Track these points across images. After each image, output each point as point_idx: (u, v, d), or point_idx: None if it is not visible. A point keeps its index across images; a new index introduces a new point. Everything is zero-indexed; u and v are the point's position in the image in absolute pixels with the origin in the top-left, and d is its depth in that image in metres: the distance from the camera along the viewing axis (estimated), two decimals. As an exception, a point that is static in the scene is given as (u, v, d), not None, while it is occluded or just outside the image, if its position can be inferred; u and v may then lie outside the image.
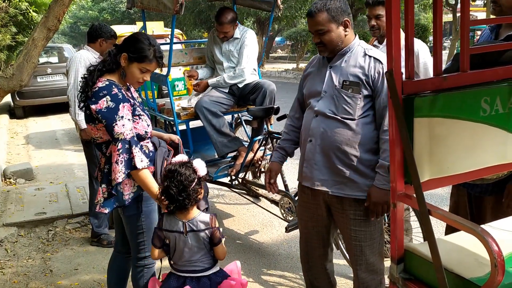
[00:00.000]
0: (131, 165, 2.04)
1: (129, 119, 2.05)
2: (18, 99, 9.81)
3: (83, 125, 3.29)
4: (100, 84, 2.05)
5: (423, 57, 2.76)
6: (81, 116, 3.19)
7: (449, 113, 1.39)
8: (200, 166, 2.04)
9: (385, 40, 2.93)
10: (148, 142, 2.21)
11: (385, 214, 2.71)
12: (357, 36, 2.08)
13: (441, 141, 1.40)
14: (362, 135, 1.97)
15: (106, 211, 2.12)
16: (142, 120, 2.15)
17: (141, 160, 2.04)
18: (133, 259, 2.31)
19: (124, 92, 2.10)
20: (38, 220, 3.92)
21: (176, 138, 2.46)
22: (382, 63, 1.96)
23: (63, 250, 3.52)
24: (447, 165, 1.43)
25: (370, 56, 1.99)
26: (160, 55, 2.13)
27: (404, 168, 1.37)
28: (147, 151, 2.17)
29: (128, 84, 2.22)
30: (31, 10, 7.82)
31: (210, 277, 2.05)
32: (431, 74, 1.47)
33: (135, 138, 2.07)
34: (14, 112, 10.50)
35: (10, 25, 12.24)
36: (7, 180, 5.29)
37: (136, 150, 2.04)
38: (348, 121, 1.97)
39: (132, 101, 2.13)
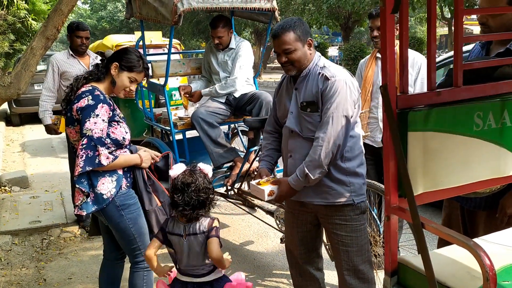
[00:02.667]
0: (94, 163, 2.08)
1: (103, 120, 2.12)
2: (14, 106, 9.80)
3: (47, 121, 3.82)
4: (83, 89, 2.19)
5: (423, 73, 2.80)
6: (46, 113, 3.80)
7: (443, 127, 1.41)
8: (208, 169, 1.98)
9: None
10: (125, 152, 2.27)
11: (379, 225, 2.74)
12: (316, 54, 2.19)
13: (435, 155, 1.42)
14: None
15: (84, 213, 2.15)
16: (120, 127, 2.22)
17: (106, 158, 2.10)
18: (131, 265, 2.33)
19: (106, 97, 2.21)
20: (33, 229, 3.90)
21: (159, 155, 2.47)
22: (329, 79, 2.04)
23: (57, 259, 3.50)
24: (440, 179, 1.45)
25: (322, 74, 2.08)
26: (147, 67, 2.31)
27: (398, 181, 1.38)
28: None
29: (113, 94, 2.33)
30: (29, 18, 7.85)
31: (212, 283, 2.02)
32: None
33: (104, 140, 2.11)
34: (10, 120, 10.49)
35: (8, 33, 12.30)
36: (2, 187, 5.27)
37: (102, 149, 2.09)
38: (313, 138, 2.06)
39: (112, 106, 2.22)
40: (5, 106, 10.79)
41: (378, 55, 3.03)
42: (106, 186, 2.14)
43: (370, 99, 2.98)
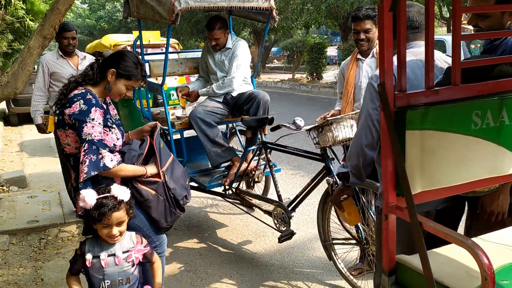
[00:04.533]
0: (99, 166, 2.05)
1: (99, 123, 2.09)
2: (13, 106, 9.78)
3: (38, 120, 3.90)
4: (76, 92, 2.15)
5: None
6: (37, 113, 3.88)
7: (441, 126, 1.40)
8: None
9: (371, 54, 2.96)
10: (115, 155, 2.23)
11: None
12: None
13: (433, 154, 1.41)
14: None
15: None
16: (112, 133, 2.19)
17: (111, 160, 2.07)
18: None
19: (98, 101, 2.18)
20: (30, 228, 3.89)
21: (152, 124, 2.53)
22: None
23: (55, 258, 3.48)
24: (438, 178, 1.44)
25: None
26: (145, 74, 2.31)
27: (395, 180, 1.38)
28: None
29: (106, 98, 2.32)
30: (27, 19, 7.82)
31: None
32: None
33: (106, 143, 2.09)
34: (8, 120, 10.46)
35: (6, 33, 12.25)
36: (0, 187, 5.25)
37: (105, 151, 2.07)
38: None
39: (105, 110, 2.20)
40: (3, 106, 10.76)
41: (359, 56, 3.01)
42: None
43: (353, 101, 2.96)
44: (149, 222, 2.29)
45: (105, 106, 2.25)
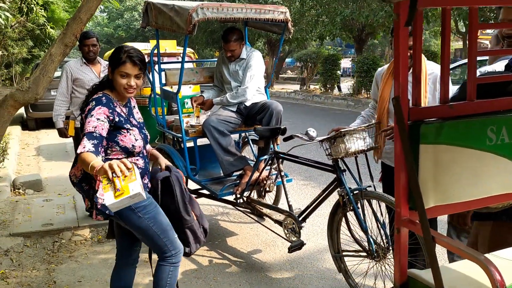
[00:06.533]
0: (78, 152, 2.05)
1: (98, 119, 2.10)
2: (31, 111, 9.98)
3: (59, 124, 4.03)
4: (94, 96, 2.22)
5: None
6: (59, 118, 4.02)
7: (455, 141, 1.40)
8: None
9: (411, 69, 2.82)
10: (137, 159, 2.26)
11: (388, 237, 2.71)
12: None
13: (447, 169, 1.41)
14: None
15: (102, 219, 2.17)
16: (130, 134, 2.22)
17: (83, 147, 2.00)
18: (158, 260, 2.34)
19: (114, 103, 2.21)
20: (45, 231, 3.94)
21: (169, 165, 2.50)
22: None
23: (68, 262, 3.53)
24: (452, 193, 1.44)
25: None
26: (131, 55, 2.18)
27: (408, 194, 1.38)
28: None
29: (131, 101, 2.35)
30: (48, 26, 8.02)
31: None
32: None
33: (94, 134, 2.05)
34: (26, 124, 10.67)
35: (27, 39, 12.58)
36: (16, 190, 5.35)
37: (85, 140, 2.03)
38: None
39: (119, 112, 2.22)
40: (21, 110, 10.98)
41: None
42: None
43: (387, 116, 2.77)
44: (166, 230, 2.28)
45: (124, 109, 2.28)
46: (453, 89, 1.79)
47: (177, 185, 2.33)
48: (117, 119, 2.18)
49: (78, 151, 2.00)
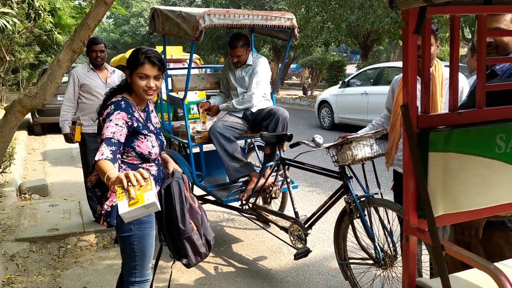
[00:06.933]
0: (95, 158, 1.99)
1: (116, 124, 2.06)
2: (37, 116, 10.04)
3: (66, 130, 4.04)
4: (113, 100, 2.17)
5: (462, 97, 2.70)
6: (66, 123, 4.02)
7: (464, 149, 1.39)
8: None
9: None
10: (152, 166, 2.22)
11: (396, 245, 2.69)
12: None
13: (456, 177, 1.40)
14: None
15: (106, 226, 2.10)
16: (147, 140, 2.17)
17: (101, 154, 1.95)
18: (124, 284, 2.26)
19: (133, 108, 2.17)
20: (50, 236, 3.95)
21: (180, 170, 2.40)
22: None
23: (73, 267, 3.53)
24: (461, 201, 1.43)
25: None
26: (149, 55, 2.13)
27: (417, 202, 1.37)
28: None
29: (149, 105, 2.30)
30: (55, 32, 8.10)
31: None
32: None
33: (112, 140, 2.02)
34: (33, 129, 10.74)
35: (34, 45, 12.70)
36: (22, 195, 5.37)
37: (103, 146, 1.98)
38: None
39: (137, 117, 2.17)
40: (28, 115, 11.06)
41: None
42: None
43: (400, 123, 2.70)
44: (144, 255, 2.20)
45: (142, 114, 2.24)
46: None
47: (177, 193, 2.21)
48: (135, 125, 2.14)
49: (96, 158, 1.95)
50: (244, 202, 3.68)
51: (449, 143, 1.37)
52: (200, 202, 3.67)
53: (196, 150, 3.93)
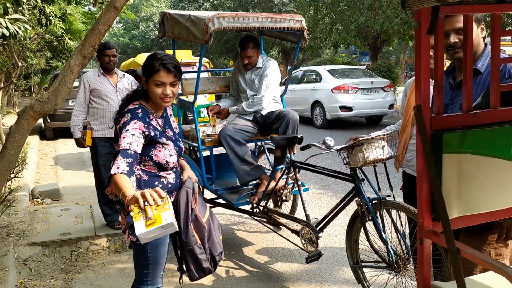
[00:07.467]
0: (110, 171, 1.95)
1: (133, 134, 2.01)
2: (49, 121, 10.17)
3: (77, 134, 4.10)
4: (129, 107, 2.14)
5: None
6: (77, 128, 4.09)
7: (479, 150, 1.37)
8: None
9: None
10: (169, 174, 2.18)
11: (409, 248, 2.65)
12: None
13: (471, 178, 1.37)
14: None
15: (135, 239, 2.06)
16: (165, 149, 2.12)
17: (117, 167, 1.90)
18: None
19: (150, 116, 2.12)
20: (63, 240, 3.98)
21: (195, 179, 2.33)
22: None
23: (85, 271, 3.55)
24: (476, 203, 1.40)
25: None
26: (165, 62, 2.07)
27: (431, 204, 1.35)
28: (165, 182, 2.15)
29: (168, 111, 2.27)
30: (66, 37, 8.19)
31: None
32: None
33: (129, 152, 1.97)
34: (44, 134, 10.87)
35: (45, 50, 12.85)
36: (35, 199, 5.43)
37: (119, 158, 1.94)
38: None
39: (155, 126, 2.12)
40: (40, 120, 11.19)
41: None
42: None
43: (412, 124, 2.67)
44: (157, 264, 2.16)
45: (160, 121, 2.19)
46: None
47: (183, 203, 2.14)
48: (152, 134, 2.09)
49: (112, 172, 1.90)
50: (255, 205, 3.67)
51: (463, 144, 1.35)
52: (210, 206, 3.68)
53: (206, 153, 3.93)
